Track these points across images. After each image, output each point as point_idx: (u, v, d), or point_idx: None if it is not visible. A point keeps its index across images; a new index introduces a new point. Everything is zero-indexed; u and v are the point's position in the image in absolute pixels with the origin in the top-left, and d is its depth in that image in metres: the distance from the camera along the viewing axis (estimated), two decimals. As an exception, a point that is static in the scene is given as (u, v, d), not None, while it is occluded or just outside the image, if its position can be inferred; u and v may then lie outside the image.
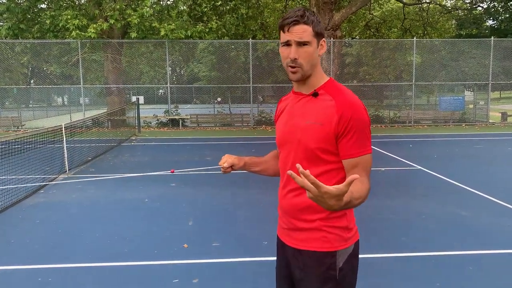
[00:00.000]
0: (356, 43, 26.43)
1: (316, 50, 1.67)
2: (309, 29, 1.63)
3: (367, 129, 1.63)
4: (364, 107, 1.63)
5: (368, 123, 1.63)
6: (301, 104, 1.73)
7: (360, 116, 1.60)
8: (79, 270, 3.88)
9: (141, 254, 4.21)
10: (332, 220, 1.67)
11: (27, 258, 4.11)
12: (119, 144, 12.01)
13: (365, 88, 20.66)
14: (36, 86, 22.31)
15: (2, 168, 6.75)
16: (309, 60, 1.66)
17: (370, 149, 1.63)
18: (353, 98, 1.63)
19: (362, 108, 1.62)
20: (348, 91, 1.66)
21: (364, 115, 1.62)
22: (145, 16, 15.18)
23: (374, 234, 4.75)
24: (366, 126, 1.62)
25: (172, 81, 42.99)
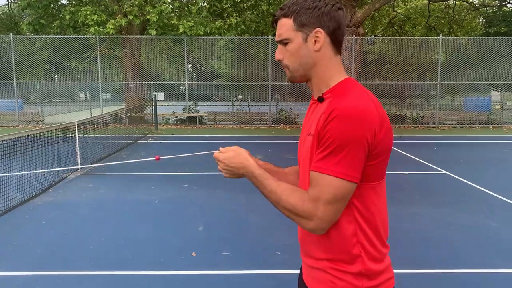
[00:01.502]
0: (379, 40, 25.80)
1: (304, 46, 1.32)
2: (288, 23, 1.32)
3: (347, 147, 1.19)
4: (359, 120, 1.19)
5: (350, 140, 1.18)
6: (311, 111, 1.42)
7: (343, 127, 1.19)
8: (79, 278, 3.65)
9: (146, 262, 3.96)
10: (340, 263, 1.32)
11: (28, 264, 3.91)
12: (135, 142, 11.87)
13: (387, 87, 20.10)
14: (55, 82, 22.45)
15: (13, 165, 6.62)
16: (294, 59, 1.34)
17: (338, 172, 1.20)
18: (350, 103, 1.22)
19: (354, 120, 1.19)
20: (353, 94, 1.26)
21: (349, 129, 1.18)
22: (164, 13, 15.02)
23: (396, 246, 4.40)
24: (345, 142, 1.19)
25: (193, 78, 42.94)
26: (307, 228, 1.28)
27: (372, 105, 1.24)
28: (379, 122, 1.23)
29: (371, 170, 1.27)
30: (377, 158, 1.26)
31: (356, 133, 1.19)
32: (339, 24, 1.31)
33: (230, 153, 1.43)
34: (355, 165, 1.21)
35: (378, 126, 1.22)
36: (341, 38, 1.34)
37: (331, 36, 1.31)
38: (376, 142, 1.23)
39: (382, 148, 1.26)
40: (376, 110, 1.25)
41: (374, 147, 1.23)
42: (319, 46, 1.31)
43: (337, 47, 1.35)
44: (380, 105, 1.29)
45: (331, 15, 1.29)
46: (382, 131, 1.24)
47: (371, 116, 1.21)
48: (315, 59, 1.33)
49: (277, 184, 1.33)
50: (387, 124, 1.27)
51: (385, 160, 1.31)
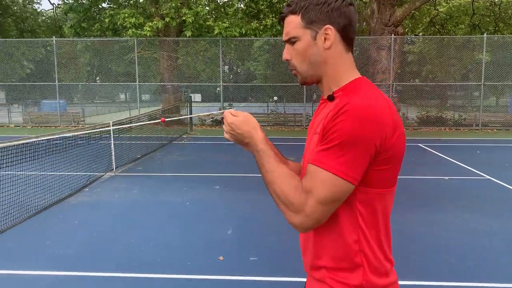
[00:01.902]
0: (420, 40, 25.02)
1: (313, 44, 1.23)
2: (296, 20, 1.24)
3: (353, 146, 1.10)
4: (370, 120, 1.10)
5: (358, 139, 1.09)
6: (319, 111, 1.34)
7: (352, 125, 1.09)
8: (107, 280, 3.65)
9: (173, 265, 3.92)
10: (340, 273, 1.22)
11: (58, 263, 3.95)
12: (170, 142, 11.98)
13: (428, 88, 19.42)
14: (96, 83, 23.11)
15: (50, 165, 6.79)
16: (303, 58, 1.26)
17: (337, 170, 1.11)
18: (363, 101, 1.13)
19: (365, 119, 1.10)
20: (367, 93, 1.17)
21: (358, 127, 1.09)
22: (200, 14, 15.13)
23: (433, 255, 4.16)
24: (352, 140, 1.10)
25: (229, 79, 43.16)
26: (291, 222, 1.19)
27: (386, 106, 1.16)
28: (392, 125, 1.15)
29: (380, 175, 1.18)
30: (387, 164, 1.17)
31: (365, 133, 1.10)
32: (350, 20, 1.23)
33: (240, 118, 1.32)
34: (357, 166, 1.12)
35: (391, 130, 1.14)
36: (353, 35, 1.26)
37: (342, 33, 1.23)
38: (387, 146, 1.14)
39: (394, 153, 1.17)
40: (390, 112, 1.16)
41: (384, 151, 1.14)
42: (329, 43, 1.23)
43: (349, 44, 1.26)
44: (394, 108, 1.20)
45: (342, 11, 1.21)
46: (394, 136, 1.16)
47: (384, 118, 1.13)
48: (325, 57, 1.24)
49: (277, 165, 1.24)
50: (400, 129, 1.19)
51: (395, 167, 1.22)
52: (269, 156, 1.25)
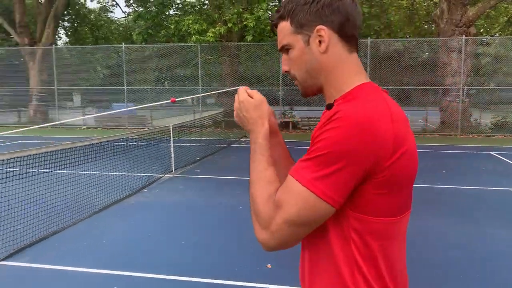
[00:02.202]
0: (495, 41, 23.41)
1: (307, 49, 1.07)
2: (286, 26, 1.09)
3: (339, 160, 0.91)
4: (365, 132, 0.91)
5: (345, 153, 0.91)
6: None
7: (341, 135, 0.91)
8: (156, 282, 3.70)
9: (221, 271, 3.89)
10: None
11: (111, 262, 4.07)
12: (229, 145, 12.11)
13: (504, 92, 18.07)
14: (163, 88, 23.99)
15: (113, 166, 7.09)
16: (299, 67, 1.10)
17: (315, 187, 0.93)
18: (359, 110, 0.94)
19: (358, 130, 0.91)
20: (367, 101, 0.98)
21: (348, 139, 0.91)
22: (261, 19, 15.21)
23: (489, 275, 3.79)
24: (338, 154, 0.91)
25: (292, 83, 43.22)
26: (256, 237, 1.03)
27: (387, 117, 0.96)
28: (393, 141, 0.94)
29: (378, 201, 0.98)
30: (385, 187, 0.97)
31: (355, 146, 0.91)
32: (347, 15, 1.04)
33: (252, 100, 1.17)
34: (340, 185, 0.93)
35: (390, 147, 0.94)
36: (354, 31, 1.06)
37: (339, 32, 1.05)
38: (383, 166, 0.94)
39: (394, 176, 0.97)
40: (392, 125, 0.95)
41: (380, 171, 0.94)
42: (325, 46, 1.05)
43: (350, 43, 1.08)
44: (403, 122, 1.00)
45: (334, 6, 1.04)
46: (395, 155, 0.95)
47: (381, 131, 0.93)
48: (323, 62, 1.07)
49: (266, 167, 1.08)
50: (406, 147, 0.98)
51: (400, 193, 1.01)
52: (263, 154, 1.11)
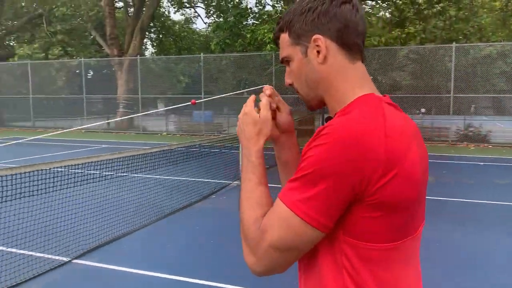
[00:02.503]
0: None
1: (306, 61, 1.02)
2: (285, 38, 1.06)
3: (324, 180, 0.85)
4: (350, 149, 0.84)
5: (330, 172, 0.84)
6: None
7: (326, 152, 0.85)
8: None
9: (279, 284, 3.80)
10: None
11: (172, 267, 4.16)
12: (301, 154, 11.98)
13: None
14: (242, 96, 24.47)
15: (184, 171, 7.31)
16: (300, 79, 1.06)
17: (299, 209, 0.87)
18: (346, 124, 0.88)
19: (343, 147, 0.84)
20: (359, 114, 0.90)
21: (333, 156, 0.84)
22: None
23: None
24: (323, 172, 0.85)
25: (372, 91, 41.92)
26: (245, 260, 0.97)
27: (380, 133, 0.87)
28: (385, 160, 0.86)
29: (371, 225, 0.89)
30: (377, 210, 0.88)
31: (341, 165, 0.84)
32: (346, 22, 0.98)
33: (255, 116, 1.10)
34: (326, 208, 0.86)
35: (380, 165, 0.85)
36: (356, 39, 0.99)
37: (338, 41, 0.99)
38: (373, 187, 0.86)
39: (387, 199, 0.87)
40: (385, 141, 0.86)
41: (370, 194, 0.86)
42: (323, 56, 0.99)
43: (352, 52, 1.00)
44: (404, 137, 0.91)
45: (331, 14, 0.98)
46: (388, 175, 0.86)
47: (368, 148, 0.85)
48: (322, 73, 1.01)
49: (257, 187, 1.03)
50: (405, 166, 0.88)
51: (398, 216, 0.91)
52: (254, 173, 1.05)
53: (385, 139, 0.87)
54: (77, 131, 18.28)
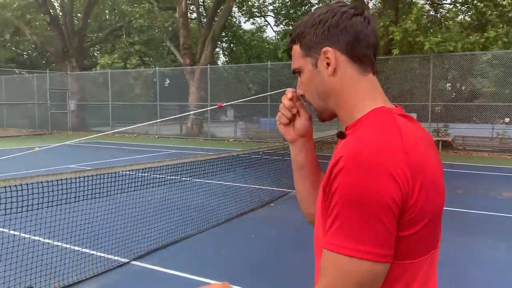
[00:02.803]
0: None
1: (316, 72, 1.02)
2: (297, 49, 1.06)
3: (359, 210, 0.81)
4: (372, 169, 0.81)
5: (362, 199, 0.81)
6: None
7: (351, 182, 0.82)
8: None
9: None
10: None
11: (223, 275, 4.20)
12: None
13: None
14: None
15: (245, 177, 7.39)
16: (311, 91, 1.06)
17: (350, 249, 0.82)
18: (363, 145, 0.85)
19: (364, 169, 0.82)
20: (373, 131, 0.89)
21: (359, 183, 0.81)
22: (409, 31, 14.37)
23: None
24: (355, 202, 0.81)
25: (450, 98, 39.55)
26: None
27: (399, 150, 0.85)
28: (411, 175, 0.84)
29: (404, 243, 0.87)
30: (413, 227, 0.86)
31: (370, 187, 0.81)
32: (357, 34, 0.97)
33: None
34: (376, 236, 0.82)
35: (408, 181, 0.84)
36: (366, 51, 0.98)
37: (348, 53, 0.98)
38: (407, 203, 0.84)
39: (421, 212, 0.86)
40: (406, 158, 0.84)
41: (406, 210, 0.84)
42: (332, 68, 0.99)
43: (363, 65, 1.00)
44: (420, 148, 0.90)
45: (342, 26, 0.98)
46: (415, 189, 0.85)
47: (390, 162, 0.83)
48: (332, 85, 1.01)
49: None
50: (426, 176, 0.87)
51: (425, 229, 0.88)
52: None
53: (405, 155, 0.85)
54: (153, 137, 19.24)
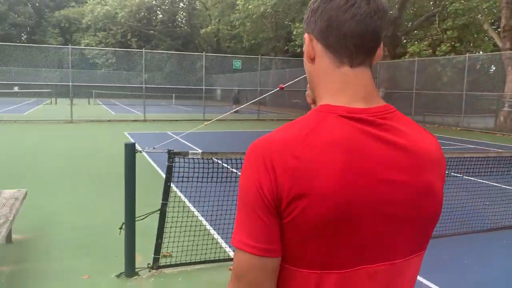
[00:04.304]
0: None
1: (305, 59, 0.94)
2: None
3: (241, 201, 0.81)
4: (251, 157, 0.81)
5: (242, 190, 0.81)
6: None
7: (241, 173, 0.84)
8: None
9: None
10: None
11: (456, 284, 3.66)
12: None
13: None
14: None
15: None
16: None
17: (237, 240, 0.81)
18: (260, 138, 0.83)
19: (247, 159, 0.82)
20: (285, 126, 0.85)
21: (242, 172, 0.82)
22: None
23: None
24: (240, 194, 0.82)
25: None
26: None
27: (291, 146, 0.79)
28: (290, 178, 0.77)
29: (294, 245, 0.81)
30: (296, 232, 0.80)
31: (247, 177, 0.82)
32: (329, 21, 0.86)
33: None
34: (253, 229, 0.80)
35: (284, 184, 0.78)
36: (342, 41, 0.86)
37: (322, 41, 0.89)
38: (283, 205, 0.79)
39: (300, 219, 0.78)
40: (294, 158, 0.78)
41: (281, 211, 0.80)
42: (310, 57, 0.92)
43: (338, 55, 0.88)
44: (327, 158, 0.78)
45: (319, 12, 0.88)
46: (292, 193, 0.78)
47: (273, 152, 0.79)
48: (311, 74, 0.94)
49: None
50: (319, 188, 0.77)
51: (330, 240, 0.80)
52: None
53: (294, 158, 0.79)
54: (455, 129, 17.93)
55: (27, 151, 10.17)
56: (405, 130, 0.86)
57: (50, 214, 5.30)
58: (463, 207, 5.40)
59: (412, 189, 0.83)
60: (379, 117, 0.85)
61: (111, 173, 7.52)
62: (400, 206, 0.83)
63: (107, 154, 9.80)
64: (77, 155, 9.70)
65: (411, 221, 0.85)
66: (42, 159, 9.07)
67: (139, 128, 15.85)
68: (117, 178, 5.60)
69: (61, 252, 4.19)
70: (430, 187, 0.86)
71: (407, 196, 0.83)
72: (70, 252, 4.19)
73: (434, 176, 0.87)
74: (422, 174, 0.85)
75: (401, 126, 0.86)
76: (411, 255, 0.88)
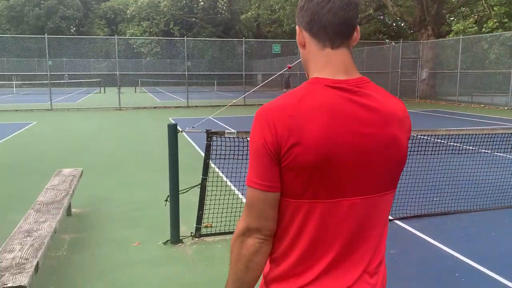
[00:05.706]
0: None
1: (299, 48, 1.24)
2: None
3: (251, 151, 1.11)
4: (258, 118, 1.10)
5: (252, 143, 1.11)
6: None
7: (251, 130, 1.13)
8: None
9: None
10: None
11: (496, 265, 3.81)
12: None
13: None
14: None
15: None
16: None
17: (248, 180, 1.12)
18: (265, 104, 1.12)
19: (255, 120, 1.11)
20: (284, 94, 1.14)
21: (252, 130, 1.12)
22: None
23: None
24: (250, 145, 1.12)
25: None
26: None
27: (286, 108, 1.07)
28: (285, 129, 1.05)
29: (284, 183, 1.10)
30: (289, 173, 1.07)
31: (255, 132, 1.10)
32: (313, 15, 1.12)
33: None
34: (260, 171, 1.09)
35: (281, 133, 1.05)
36: (322, 29, 1.12)
37: (308, 31, 1.16)
38: (281, 153, 1.06)
39: (293, 162, 1.05)
40: (289, 117, 1.05)
41: (281, 158, 1.07)
42: (302, 43, 1.20)
43: (320, 40, 1.14)
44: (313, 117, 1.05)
45: (304, 8, 1.15)
46: (288, 143, 1.05)
47: (272, 117, 1.07)
48: (303, 57, 1.22)
49: None
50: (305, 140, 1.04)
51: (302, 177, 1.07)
52: None
53: (290, 116, 1.05)
54: (502, 109, 17.33)
55: (81, 135, 10.96)
56: (376, 96, 1.13)
57: (103, 191, 5.85)
58: (493, 183, 5.45)
59: (380, 140, 1.09)
60: (355, 86, 1.10)
61: (157, 155, 8.05)
62: (372, 153, 1.09)
63: (153, 137, 10.39)
64: (126, 139, 10.36)
65: (380, 164, 1.10)
66: (95, 143, 9.78)
67: (182, 114, 16.44)
68: (162, 159, 6.06)
69: (114, 223, 4.68)
70: (395, 138, 1.11)
71: (376, 145, 1.09)
72: (122, 224, 4.67)
73: (399, 130, 1.13)
74: (388, 129, 1.10)
75: (373, 93, 1.13)
76: (383, 192, 1.14)
